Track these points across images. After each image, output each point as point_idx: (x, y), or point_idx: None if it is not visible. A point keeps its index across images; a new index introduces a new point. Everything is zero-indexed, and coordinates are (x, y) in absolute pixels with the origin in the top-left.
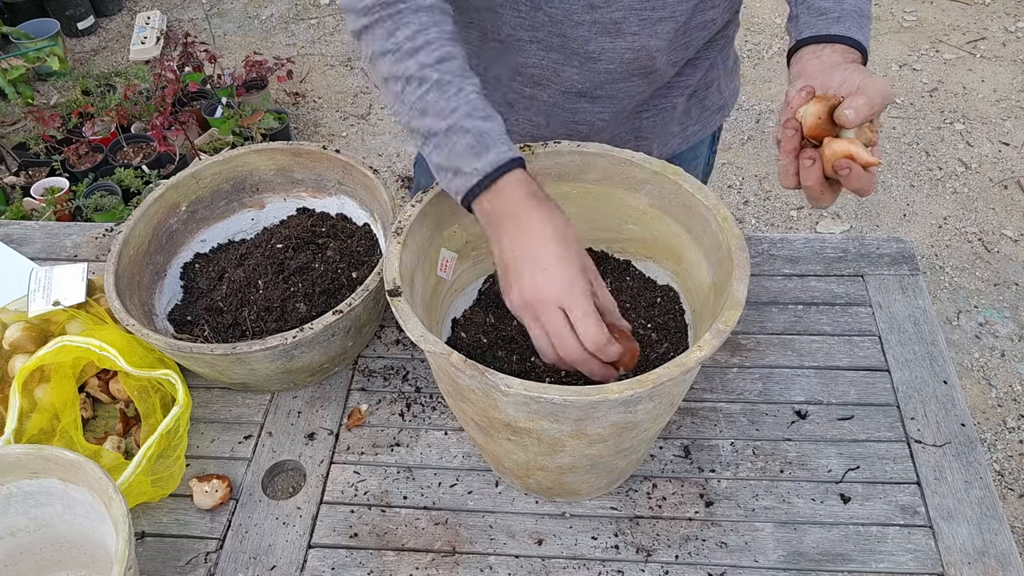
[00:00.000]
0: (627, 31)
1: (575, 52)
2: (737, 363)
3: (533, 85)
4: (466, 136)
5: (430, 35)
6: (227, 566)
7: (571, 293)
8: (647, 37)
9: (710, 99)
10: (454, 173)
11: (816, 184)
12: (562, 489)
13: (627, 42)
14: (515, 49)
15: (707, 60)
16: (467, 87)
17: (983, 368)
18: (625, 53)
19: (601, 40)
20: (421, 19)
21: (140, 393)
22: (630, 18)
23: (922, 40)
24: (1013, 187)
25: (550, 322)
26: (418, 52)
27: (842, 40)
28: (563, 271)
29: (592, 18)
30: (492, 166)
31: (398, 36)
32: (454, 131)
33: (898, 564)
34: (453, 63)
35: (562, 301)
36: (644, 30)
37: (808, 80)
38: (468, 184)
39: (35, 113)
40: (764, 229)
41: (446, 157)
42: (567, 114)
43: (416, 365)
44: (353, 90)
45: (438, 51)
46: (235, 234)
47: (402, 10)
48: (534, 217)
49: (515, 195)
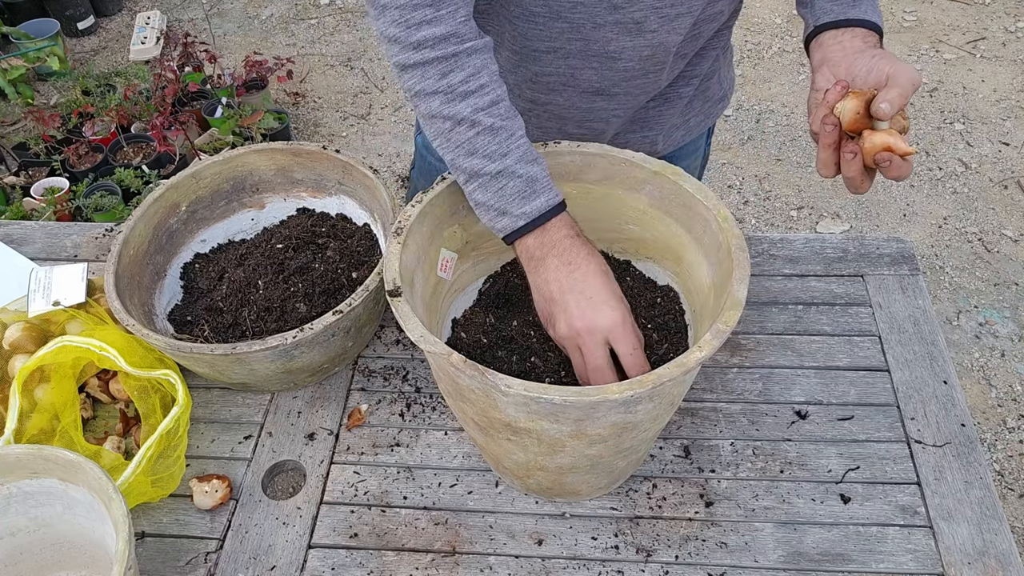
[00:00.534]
0: (647, 29)
1: (595, 54)
2: (737, 363)
3: (549, 91)
4: (516, 180)
5: (482, 79)
6: (227, 566)
7: (622, 328)
8: (666, 33)
9: (711, 90)
10: (500, 213)
11: (857, 175)
12: (562, 489)
13: (646, 40)
14: (531, 59)
15: (713, 51)
16: (517, 132)
17: (983, 368)
18: (644, 50)
19: (622, 40)
20: (474, 63)
21: (140, 393)
22: (651, 16)
23: (922, 40)
24: (1013, 187)
25: (592, 355)
26: (471, 96)
27: (861, 24)
28: (615, 304)
29: (614, 19)
30: (539, 211)
31: (452, 79)
32: (504, 175)
33: (898, 564)
34: (503, 105)
35: (610, 333)
36: (663, 27)
37: (833, 68)
38: (515, 225)
39: (35, 113)
40: (764, 229)
41: (494, 198)
42: (582, 114)
43: (416, 365)
44: (353, 90)
45: (490, 95)
46: (235, 234)
47: (458, 53)
48: (581, 253)
49: (560, 235)
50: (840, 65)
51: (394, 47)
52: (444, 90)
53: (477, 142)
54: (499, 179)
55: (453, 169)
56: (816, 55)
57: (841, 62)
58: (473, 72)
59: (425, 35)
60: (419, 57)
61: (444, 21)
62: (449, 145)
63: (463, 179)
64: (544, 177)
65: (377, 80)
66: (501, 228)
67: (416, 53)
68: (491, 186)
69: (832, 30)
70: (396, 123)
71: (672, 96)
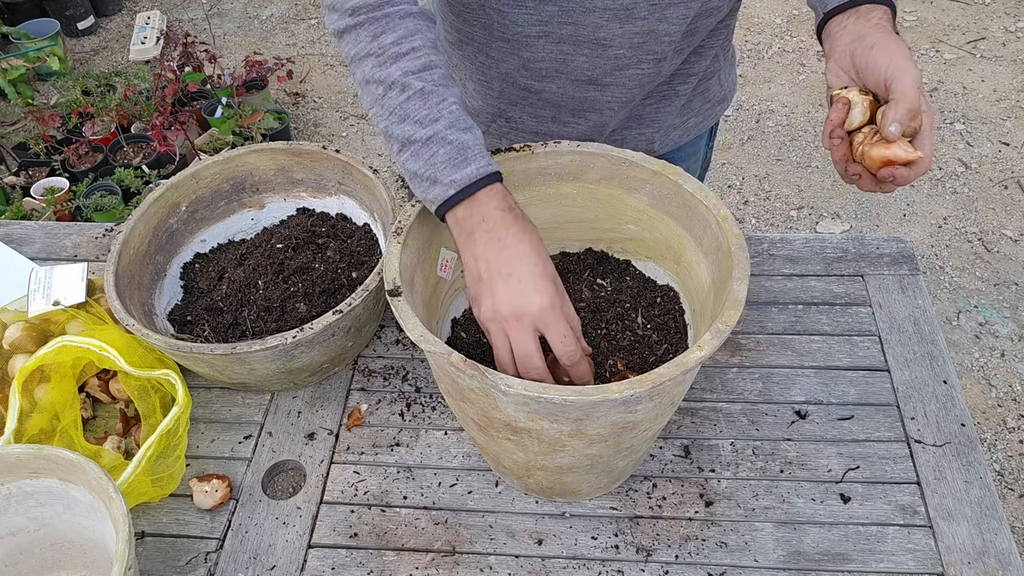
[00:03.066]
0: (637, 15)
1: (585, 40)
2: (737, 363)
3: (541, 78)
4: (447, 147)
5: (415, 42)
6: (227, 566)
7: (552, 314)
8: (656, 21)
9: (711, 91)
10: (431, 182)
11: (870, 187)
12: (562, 489)
13: (636, 27)
14: (523, 45)
15: (712, 49)
16: (449, 97)
17: (983, 368)
18: (635, 38)
19: (612, 26)
20: (407, 25)
21: (140, 393)
22: (641, 3)
23: (922, 40)
24: (1013, 187)
25: (519, 340)
26: (402, 58)
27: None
28: (543, 288)
29: (604, 5)
30: (470, 179)
31: (383, 40)
32: (434, 141)
33: (898, 564)
34: (436, 72)
35: (539, 320)
36: (653, 14)
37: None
38: (446, 194)
39: (35, 113)
40: (764, 229)
41: (424, 166)
42: (576, 103)
43: (416, 365)
44: (353, 90)
45: (423, 59)
46: (235, 234)
47: (390, 14)
48: (512, 229)
49: (491, 207)
50: (845, 57)
51: (332, 15)
52: (376, 52)
53: (408, 107)
54: (429, 145)
55: (387, 140)
56: (826, 45)
57: (846, 54)
58: (405, 34)
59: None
60: (352, 21)
61: None
62: (383, 112)
63: (396, 149)
64: (477, 144)
65: None
66: (432, 199)
67: (351, 17)
68: (422, 154)
69: (838, 15)
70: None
71: (669, 93)
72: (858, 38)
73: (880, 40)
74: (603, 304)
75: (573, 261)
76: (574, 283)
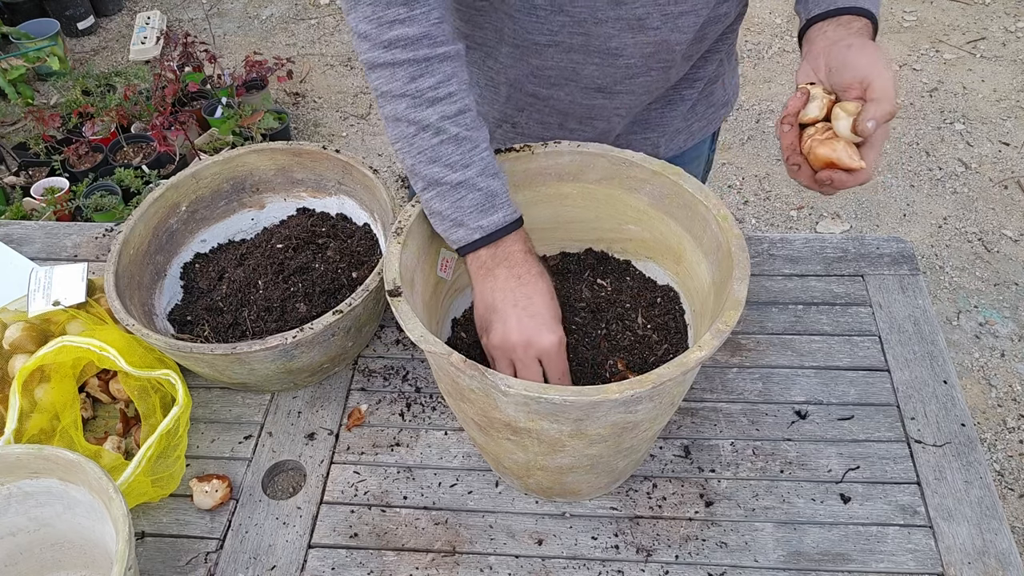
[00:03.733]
0: (650, 26)
1: (596, 50)
2: (737, 363)
3: (550, 86)
4: (476, 193)
5: (451, 87)
6: (227, 566)
7: (557, 353)
8: (669, 31)
9: (715, 95)
10: (456, 224)
11: (808, 183)
12: (562, 489)
13: (649, 37)
14: (532, 53)
15: (718, 54)
16: (482, 144)
17: (983, 368)
18: (647, 48)
19: (624, 36)
20: (445, 70)
21: (140, 393)
22: (653, 13)
23: (922, 40)
24: (1013, 187)
25: (527, 369)
26: (439, 103)
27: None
28: (555, 328)
29: (616, 15)
30: (497, 226)
31: (420, 84)
32: (464, 186)
33: (898, 564)
34: (470, 115)
35: (544, 354)
36: (666, 24)
37: (812, 61)
38: (471, 238)
39: (35, 113)
40: (764, 229)
41: (451, 208)
42: (584, 110)
43: (416, 365)
44: (353, 90)
45: (458, 104)
46: (235, 234)
47: (430, 58)
48: (532, 270)
49: (514, 249)
50: (819, 58)
51: (364, 43)
52: (412, 94)
53: (440, 150)
54: (459, 190)
55: (411, 175)
56: (803, 48)
57: (820, 55)
58: (443, 79)
59: (397, 35)
60: (389, 57)
61: (417, 22)
62: (411, 150)
63: (421, 186)
64: (503, 192)
65: None
66: (456, 239)
67: (386, 52)
68: (450, 196)
69: (819, 22)
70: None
71: (675, 98)
72: (835, 42)
73: (859, 43)
74: (603, 304)
75: (573, 261)
76: (574, 283)
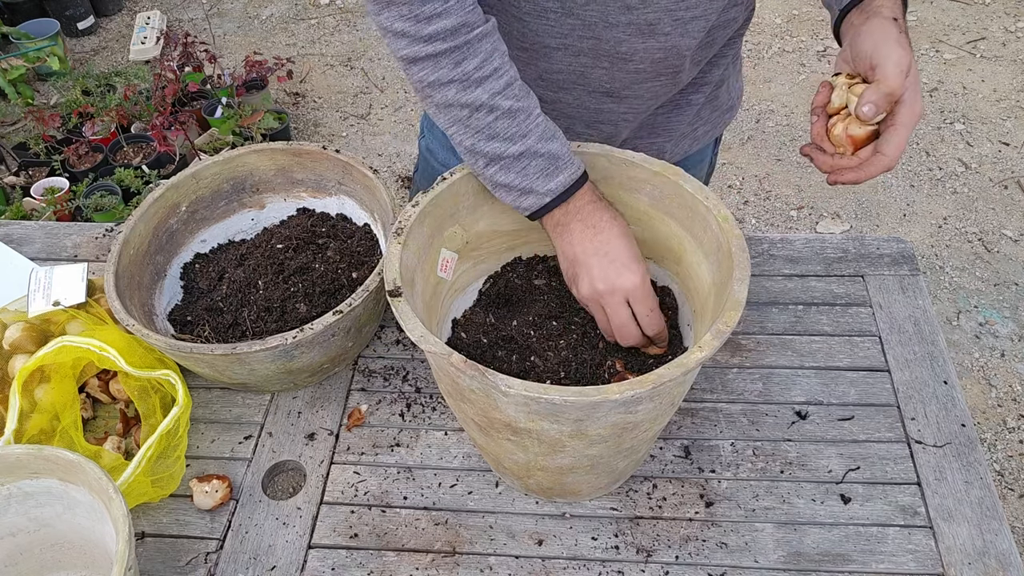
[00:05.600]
0: (661, 31)
1: (605, 54)
2: (737, 363)
3: (558, 89)
4: (538, 159)
5: (495, 62)
6: (227, 566)
7: (642, 290)
8: (679, 36)
9: (721, 99)
10: (525, 193)
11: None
12: (562, 489)
13: (659, 42)
14: (541, 56)
15: (725, 59)
16: (535, 111)
17: (983, 368)
18: (656, 53)
19: (634, 41)
20: (486, 47)
21: (140, 393)
22: (664, 19)
23: (922, 40)
24: (1013, 187)
25: (616, 314)
26: (486, 81)
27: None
28: (635, 267)
29: (627, 19)
30: (564, 187)
31: (466, 67)
32: (526, 156)
33: (898, 564)
34: (517, 85)
35: (630, 294)
36: (677, 30)
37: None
38: (542, 203)
39: (35, 113)
40: (764, 229)
41: (518, 178)
42: (591, 114)
43: (416, 365)
44: (353, 90)
45: (504, 77)
46: (235, 234)
47: (470, 40)
48: (604, 217)
49: (583, 201)
50: (847, 48)
51: (401, 40)
52: (459, 79)
53: (497, 126)
54: (521, 160)
55: (471, 154)
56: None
57: (848, 45)
58: (486, 57)
59: (436, 28)
60: (431, 49)
61: (454, 12)
62: (468, 132)
63: (483, 163)
64: (565, 152)
65: (377, 80)
66: (527, 207)
67: (428, 46)
68: (514, 167)
69: (848, 13)
70: (396, 123)
71: (683, 103)
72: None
73: (868, 27)
74: None
75: None
76: None
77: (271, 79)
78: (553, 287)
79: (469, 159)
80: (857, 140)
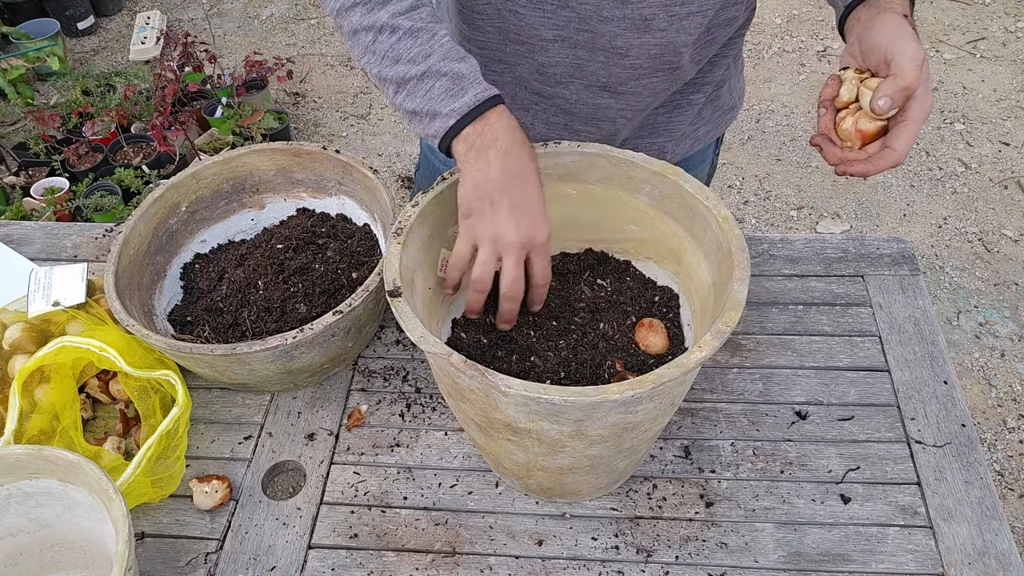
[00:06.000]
0: (656, 27)
1: (601, 47)
2: (737, 363)
3: (555, 84)
4: (442, 79)
5: None
6: (227, 567)
7: (545, 244)
8: (675, 32)
9: (722, 99)
10: (431, 116)
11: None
12: (562, 490)
13: (655, 38)
14: (538, 49)
15: (726, 58)
16: (439, 32)
17: (983, 368)
18: (652, 48)
19: (629, 36)
20: None
21: (140, 394)
22: (659, 14)
23: (922, 40)
24: (1013, 187)
25: (513, 267)
26: (389, 3)
27: None
28: (546, 220)
29: (622, 14)
30: (470, 106)
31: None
32: (430, 75)
33: (898, 564)
34: (424, 10)
35: (531, 246)
36: (672, 25)
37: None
38: (447, 125)
39: (35, 113)
40: (764, 229)
41: (422, 102)
42: (589, 110)
43: (416, 365)
44: (353, 90)
45: (408, 2)
46: (235, 234)
47: None
48: (523, 154)
49: (500, 127)
50: (855, 44)
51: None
52: (362, 1)
53: (399, 47)
54: (425, 80)
55: (382, 83)
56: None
57: (855, 40)
58: None
59: None
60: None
61: None
62: (374, 58)
63: (392, 92)
64: (472, 73)
65: None
66: (434, 133)
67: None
68: (418, 90)
69: (854, 9)
70: (396, 123)
71: (683, 103)
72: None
73: (880, 22)
74: (603, 304)
75: (573, 261)
76: (574, 283)
77: (271, 79)
78: (553, 287)
79: (383, 91)
80: (866, 135)
